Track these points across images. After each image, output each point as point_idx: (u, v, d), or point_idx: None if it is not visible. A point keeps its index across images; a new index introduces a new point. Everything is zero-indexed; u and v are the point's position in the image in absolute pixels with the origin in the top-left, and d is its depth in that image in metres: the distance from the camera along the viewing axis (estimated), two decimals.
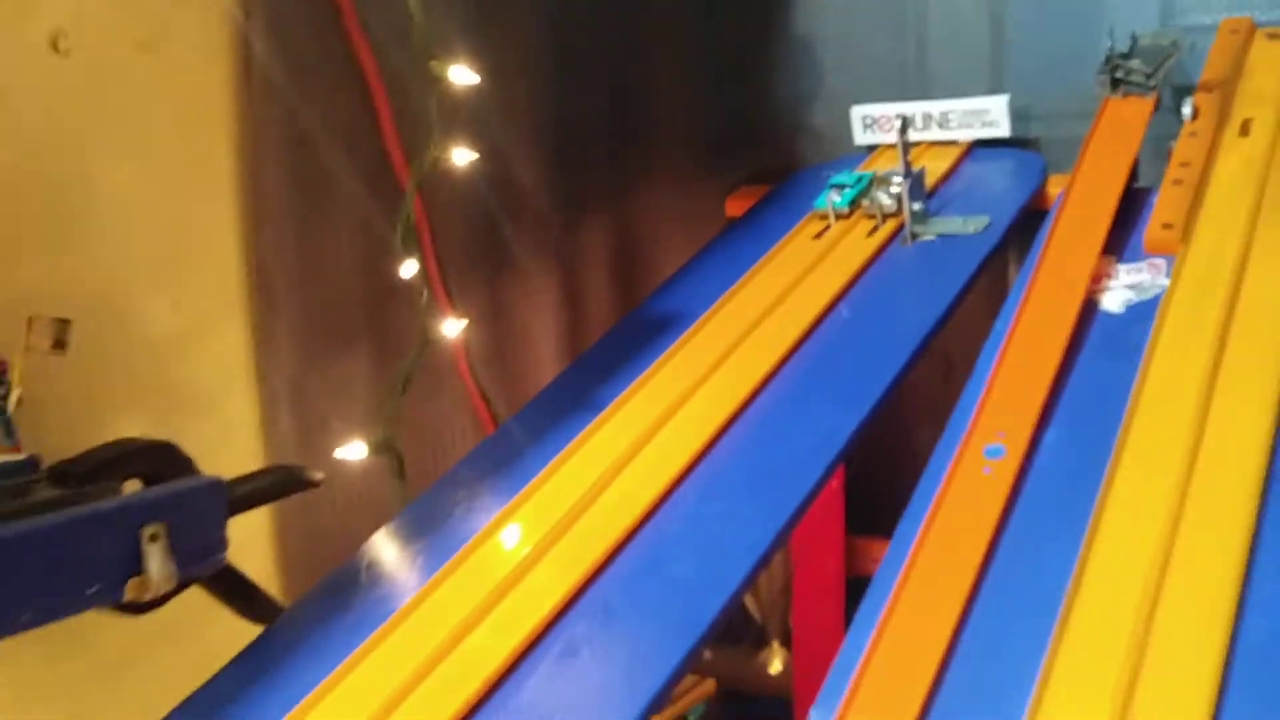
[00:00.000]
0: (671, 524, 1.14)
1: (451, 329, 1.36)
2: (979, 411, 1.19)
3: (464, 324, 1.37)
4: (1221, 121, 1.47)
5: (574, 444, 1.26)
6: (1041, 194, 1.62)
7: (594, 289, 1.72)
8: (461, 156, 1.32)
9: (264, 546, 1.34)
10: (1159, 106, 1.56)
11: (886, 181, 1.58)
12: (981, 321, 1.34)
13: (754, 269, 1.52)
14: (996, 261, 1.54)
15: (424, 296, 1.30)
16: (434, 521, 1.21)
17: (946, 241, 1.51)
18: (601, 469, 1.20)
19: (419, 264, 1.29)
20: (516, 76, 1.52)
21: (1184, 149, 1.44)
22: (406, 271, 1.28)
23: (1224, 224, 1.32)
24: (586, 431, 1.28)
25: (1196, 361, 1.16)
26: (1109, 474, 1.07)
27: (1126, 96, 1.54)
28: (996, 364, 1.24)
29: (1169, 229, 1.33)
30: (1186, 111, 1.47)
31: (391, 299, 1.34)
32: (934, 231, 1.52)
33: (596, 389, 1.32)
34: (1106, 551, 1.01)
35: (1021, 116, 1.76)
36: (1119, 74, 1.54)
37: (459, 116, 1.31)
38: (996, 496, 1.10)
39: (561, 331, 1.65)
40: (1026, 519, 1.07)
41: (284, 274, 1.27)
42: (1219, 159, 1.43)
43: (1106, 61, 1.56)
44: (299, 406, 1.29)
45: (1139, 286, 1.30)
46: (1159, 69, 1.53)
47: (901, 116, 1.50)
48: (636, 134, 1.79)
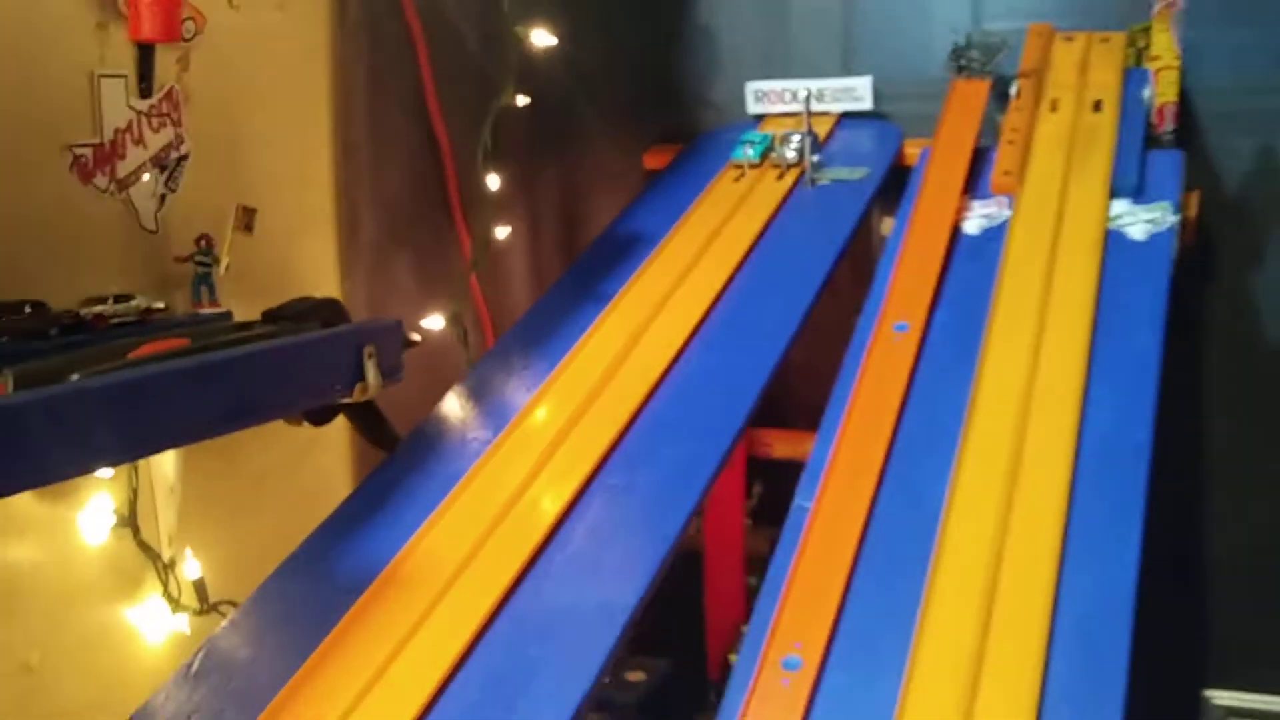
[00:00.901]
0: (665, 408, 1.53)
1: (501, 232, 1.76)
2: (886, 302, 1.64)
3: (508, 231, 1.76)
4: (1037, 100, 1.97)
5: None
6: (901, 154, 2.08)
7: (549, 216, 2.11)
8: None
9: None
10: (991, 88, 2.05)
11: (787, 140, 2.01)
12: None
13: (694, 204, 1.94)
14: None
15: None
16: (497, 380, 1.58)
17: (838, 186, 1.96)
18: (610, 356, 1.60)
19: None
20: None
21: (1013, 119, 1.93)
22: (493, 184, 1.65)
23: (1046, 172, 1.82)
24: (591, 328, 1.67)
25: (1036, 265, 1.64)
26: (984, 339, 1.54)
27: (969, 79, 2.03)
28: (894, 270, 1.69)
29: (1008, 175, 1.81)
30: (1013, 91, 1.96)
31: (435, 215, 1.70)
32: (829, 177, 1.97)
33: (601, 284, 1.71)
34: (989, 388, 1.47)
35: (876, 95, 2.23)
36: (962, 61, 2.03)
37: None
38: (906, 357, 1.55)
39: (531, 245, 2.03)
40: (929, 371, 1.53)
41: (362, 191, 1.61)
42: (1038, 127, 1.92)
43: (953, 52, 2.05)
44: (371, 292, 1.64)
45: (990, 216, 1.77)
46: (992, 59, 2.03)
47: (807, 90, 1.94)
48: (577, 101, 2.17)
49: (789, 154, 2.00)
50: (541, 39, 1.79)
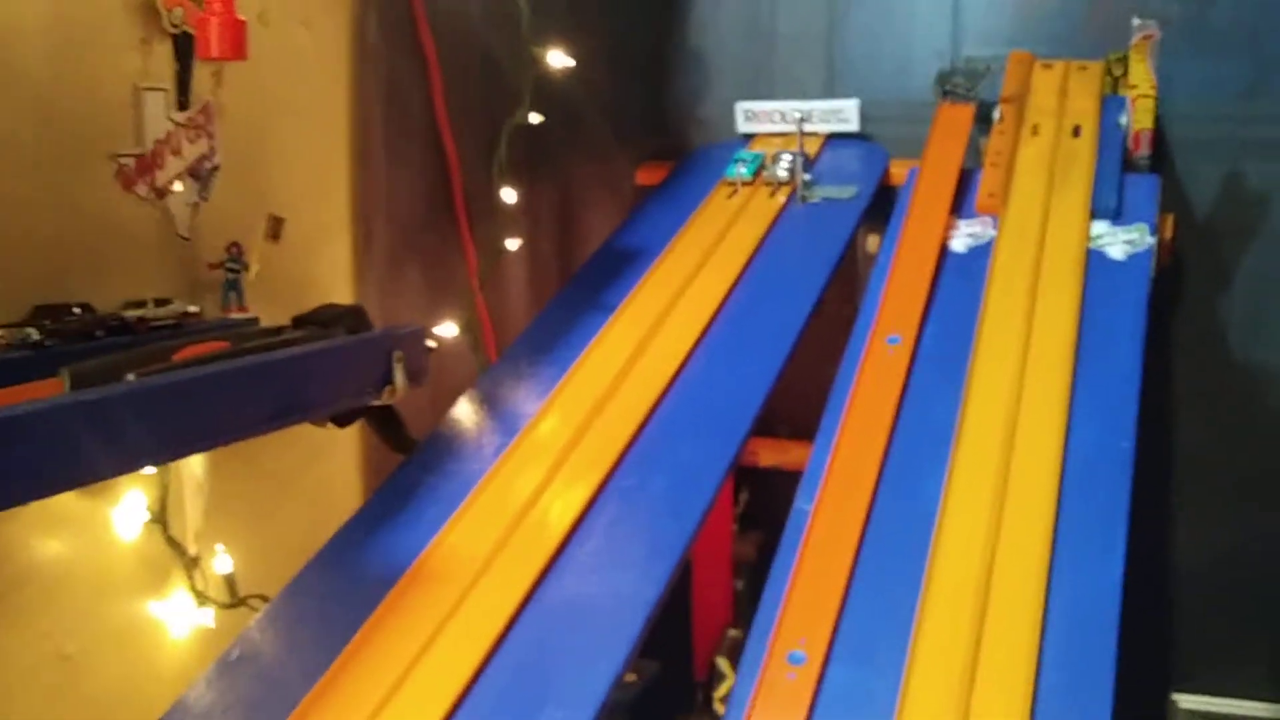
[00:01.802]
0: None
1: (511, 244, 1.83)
2: (879, 315, 1.72)
3: (519, 243, 1.83)
4: (1019, 124, 2.06)
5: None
6: (887, 175, 2.17)
7: (545, 229, 2.18)
8: None
9: None
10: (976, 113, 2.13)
11: (778, 159, 2.09)
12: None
13: (690, 219, 2.01)
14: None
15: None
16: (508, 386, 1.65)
17: (828, 204, 2.04)
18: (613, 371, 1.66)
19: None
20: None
21: (996, 142, 2.02)
22: (508, 198, 1.72)
23: (1028, 194, 1.90)
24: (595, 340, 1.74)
25: (1021, 282, 1.72)
26: (973, 352, 1.62)
27: (954, 104, 2.12)
28: (886, 286, 1.77)
29: (993, 196, 1.90)
30: (995, 116, 2.05)
31: (443, 227, 1.77)
32: (819, 195, 2.05)
33: (604, 295, 1.79)
34: (978, 397, 1.55)
35: (862, 117, 2.31)
36: (947, 86, 2.12)
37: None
38: (899, 369, 1.63)
39: (528, 257, 2.10)
40: (921, 381, 1.61)
41: (376, 203, 1.67)
42: (1020, 151, 2.01)
43: (939, 77, 2.13)
44: (384, 300, 1.70)
45: (976, 235, 1.86)
46: (976, 85, 2.12)
47: (799, 112, 2.02)
48: (573, 118, 2.24)
49: (781, 172, 2.08)
50: (557, 60, 1.86)
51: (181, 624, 1.41)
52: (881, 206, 2.12)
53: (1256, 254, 2.15)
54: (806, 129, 2.26)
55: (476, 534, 1.36)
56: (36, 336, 1.18)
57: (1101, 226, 1.80)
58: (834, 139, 2.28)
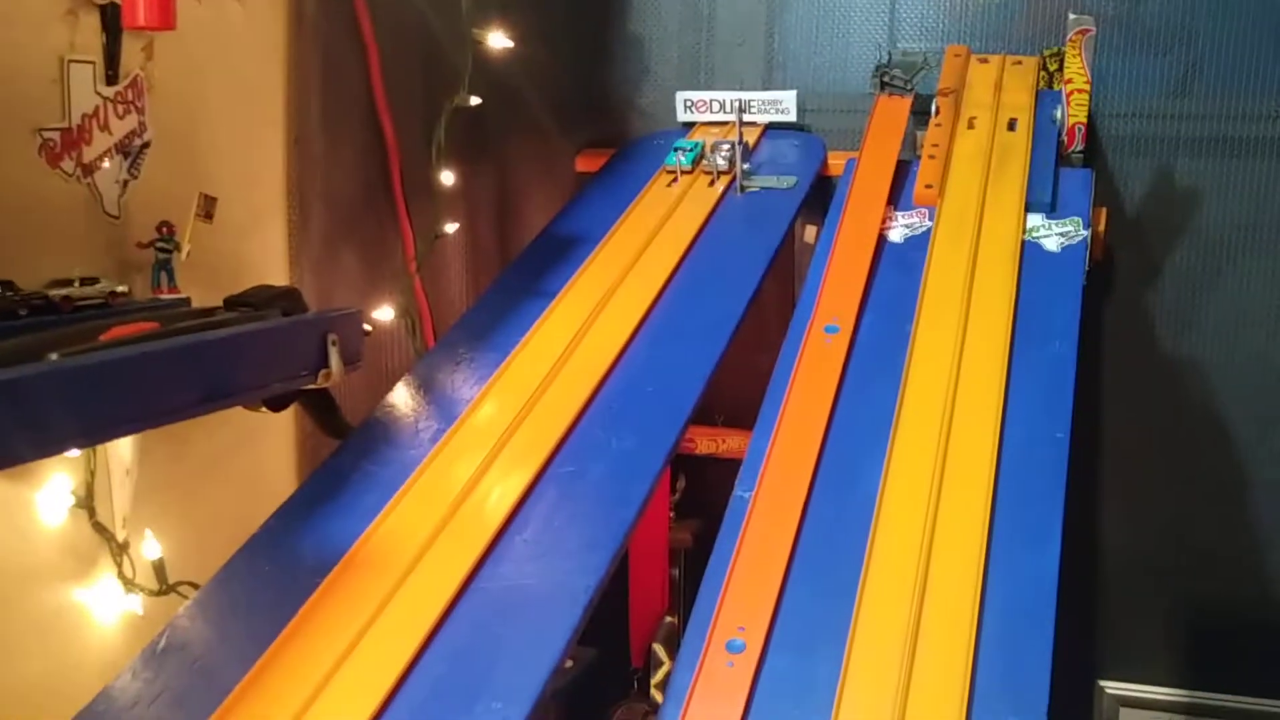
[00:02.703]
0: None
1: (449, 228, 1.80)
2: (817, 305, 1.72)
3: (456, 226, 1.80)
4: (955, 117, 2.08)
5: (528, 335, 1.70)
6: (825, 165, 2.17)
7: (484, 213, 2.15)
8: None
9: None
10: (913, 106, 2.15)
11: (718, 148, 2.09)
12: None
13: (630, 206, 2.00)
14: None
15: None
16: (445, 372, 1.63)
17: (767, 193, 2.04)
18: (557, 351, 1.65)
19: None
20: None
21: (933, 134, 2.03)
22: (446, 180, 1.69)
23: (965, 186, 1.92)
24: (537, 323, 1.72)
25: (957, 273, 1.74)
26: (911, 341, 1.63)
27: (892, 96, 2.13)
28: (824, 275, 1.77)
29: (930, 188, 1.91)
30: (933, 109, 2.06)
31: (380, 211, 1.74)
32: (758, 185, 2.05)
33: (544, 281, 1.77)
34: (916, 386, 1.56)
35: (799, 108, 2.31)
36: (886, 79, 2.12)
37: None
38: (837, 357, 1.63)
39: (465, 242, 2.08)
40: (859, 370, 1.61)
41: (312, 184, 1.64)
42: (956, 143, 2.03)
43: (877, 69, 2.14)
44: (319, 283, 1.67)
45: (913, 226, 1.87)
46: (914, 77, 2.13)
47: (739, 101, 2.02)
48: (512, 103, 2.22)
49: (720, 161, 2.07)
50: (498, 41, 1.84)
51: (108, 611, 1.37)
52: (819, 197, 2.13)
53: (1185, 249, 2.19)
54: (745, 119, 2.27)
55: (413, 521, 1.34)
56: None
57: (1037, 219, 1.82)
58: (772, 129, 2.29)
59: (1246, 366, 2.19)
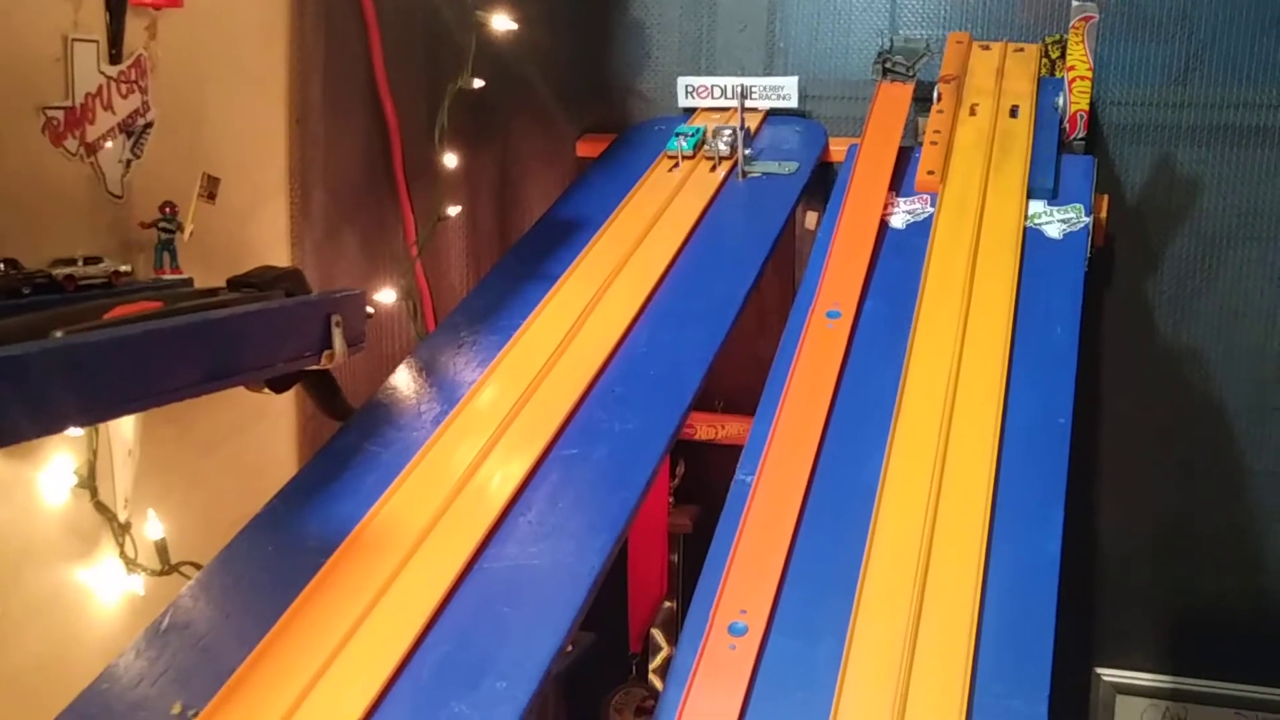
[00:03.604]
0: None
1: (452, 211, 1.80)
2: (819, 290, 1.72)
3: (459, 209, 1.79)
4: (957, 104, 2.07)
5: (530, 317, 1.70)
6: (826, 151, 2.17)
7: (485, 196, 2.15)
8: None
9: None
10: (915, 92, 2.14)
11: (719, 133, 2.08)
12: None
13: (632, 191, 2.00)
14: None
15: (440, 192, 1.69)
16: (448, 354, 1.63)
17: (768, 179, 2.04)
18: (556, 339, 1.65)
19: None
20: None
21: (935, 121, 2.03)
22: (449, 163, 1.69)
23: (966, 172, 1.92)
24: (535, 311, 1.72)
25: (959, 259, 1.74)
26: (913, 327, 1.63)
27: (893, 82, 2.12)
28: (826, 261, 1.77)
29: (932, 174, 1.90)
30: (934, 95, 2.06)
31: (382, 193, 1.73)
32: (760, 170, 2.05)
33: (545, 264, 1.77)
34: (918, 372, 1.56)
35: (800, 94, 2.31)
36: (888, 65, 2.12)
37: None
38: (839, 342, 1.63)
39: (465, 225, 2.08)
40: (861, 355, 1.61)
41: (314, 166, 1.63)
42: (957, 130, 2.02)
43: (879, 56, 2.14)
44: (320, 264, 1.67)
45: (914, 212, 1.87)
46: (915, 64, 2.12)
47: (741, 86, 2.02)
48: (514, 87, 2.21)
49: (721, 146, 2.07)
50: (502, 23, 1.83)
51: (110, 591, 1.37)
52: (820, 183, 2.13)
53: (1185, 237, 2.19)
54: (746, 105, 2.27)
55: (416, 502, 1.34)
56: None
57: (1038, 206, 1.82)
58: (773, 115, 2.29)
59: (1244, 355, 2.20)
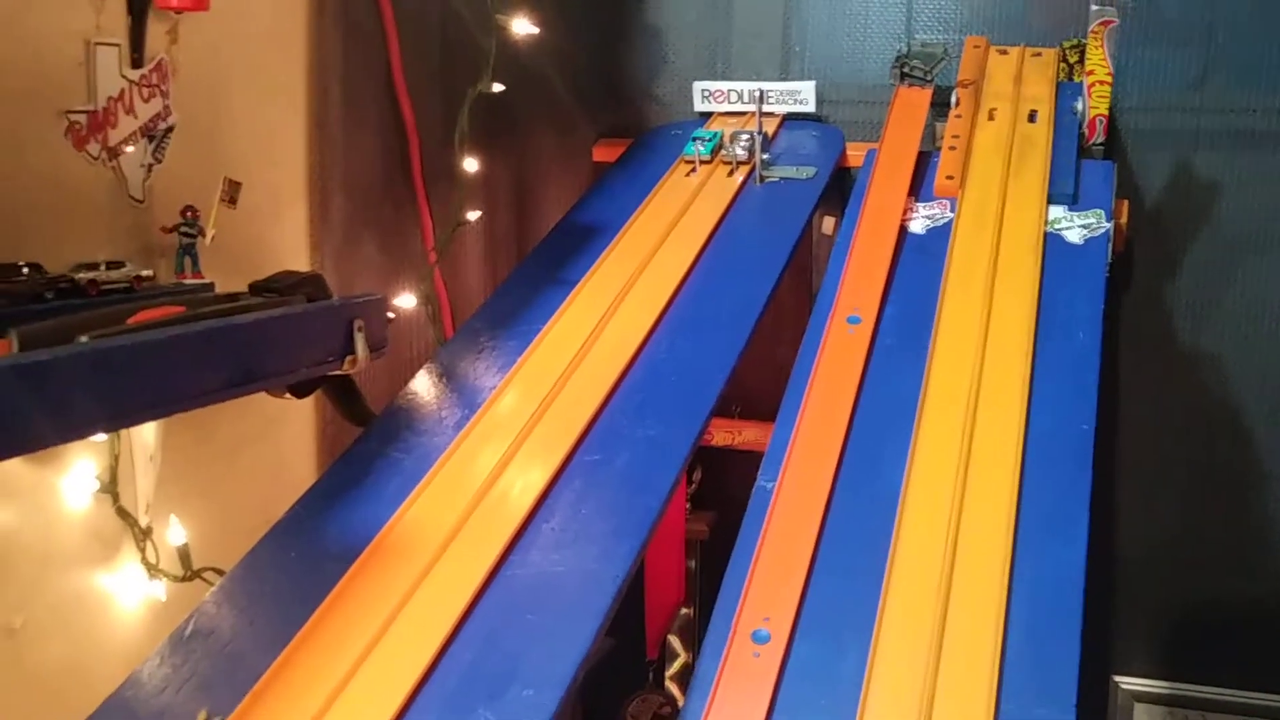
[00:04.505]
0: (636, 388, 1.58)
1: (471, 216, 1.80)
2: (839, 295, 1.71)
3: (478, 214, 1.80)
4: (975, 109, 2.07)
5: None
6: (843, 156, 2.17)
7: (503, 201, 2.15)
8: None
9: None
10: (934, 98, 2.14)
11: (737, 138, 2.08)
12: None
13: (650, 196, 1.99)
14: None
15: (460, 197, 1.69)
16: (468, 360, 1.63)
17: (786, 184, 2.04)
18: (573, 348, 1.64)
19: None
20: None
21: (953, 126, 2.02)
22: (469, 168, 1.68)
23: (986, 177, 1.91)
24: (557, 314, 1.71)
25: (980, 264, 1.73)
26: (934, 332, 1.62)
27: (911, 87, 2.12)
28: (845, 266, 1.76)
29: (951, 179, 1.90)
30: (952, 100, 2.06)
31: (401, 197, 1.73)
32: (777, 175, 2.04)
33: (564, 270, 1.76)
34: (940, 377, 1.55)
35: (817, 99, 2.31)
36: (906, 69, 2.12)
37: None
38: (860, 349, 1.62)
39: (482, 230, 2.08)
40: (882, 361, 1.61)
41: (334, 170, 1.64)
42: (976, 134, 2.02)
43: (896, 60, 2.13)
44: (339, 269, 1.67)
45: (934, 217, 1.86)
46: (933, 68, 2.12)
47: (759, 91, 2.01)
48: (531, 91, 2.21)
49: (739, 151, 2.07)
50: (522, 27, 1.83)
51: (132, 597, 1.37)
52: (837, 188, 2.13)
53: (1204, 242, 2.18)
54: (763, 110, 2.27)
55: (439, 508, 1.34)
56: None
57: (1059, 211, 1.81)
58: (790, 120, 2.28)
59: (1264, 360, 2.19)
